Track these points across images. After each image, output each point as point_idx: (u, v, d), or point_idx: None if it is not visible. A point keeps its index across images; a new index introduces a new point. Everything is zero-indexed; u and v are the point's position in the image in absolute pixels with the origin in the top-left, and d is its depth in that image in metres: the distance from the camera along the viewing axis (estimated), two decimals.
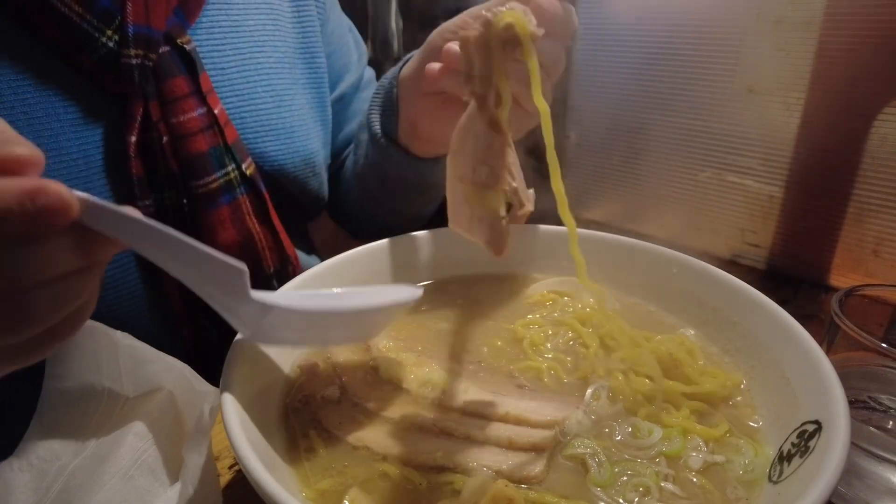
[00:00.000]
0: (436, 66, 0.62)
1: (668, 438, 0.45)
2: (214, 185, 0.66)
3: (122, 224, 0.34)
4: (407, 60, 0.74)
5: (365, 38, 0.99)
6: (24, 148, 0.31)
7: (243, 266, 0.37)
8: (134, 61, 0.59)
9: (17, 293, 0.32)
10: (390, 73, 0.76)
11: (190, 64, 0.64)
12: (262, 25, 0.75)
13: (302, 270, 0.63)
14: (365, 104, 0.93)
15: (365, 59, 0.97)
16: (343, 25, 0.91)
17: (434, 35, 0.67)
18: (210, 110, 0.65)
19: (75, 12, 0.56)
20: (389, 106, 0.75)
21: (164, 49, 0.62)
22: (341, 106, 0.91)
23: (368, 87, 0.96)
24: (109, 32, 0.58)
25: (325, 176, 0.86)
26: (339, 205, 0.96)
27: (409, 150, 0.75)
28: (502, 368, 0.54)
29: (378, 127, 0.77)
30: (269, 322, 0.42)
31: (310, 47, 0.81)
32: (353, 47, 0.93)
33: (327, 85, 0.85)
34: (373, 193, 0.85)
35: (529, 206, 0.57)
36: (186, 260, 0.36)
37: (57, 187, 0.30)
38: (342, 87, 0.90)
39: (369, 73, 0.98)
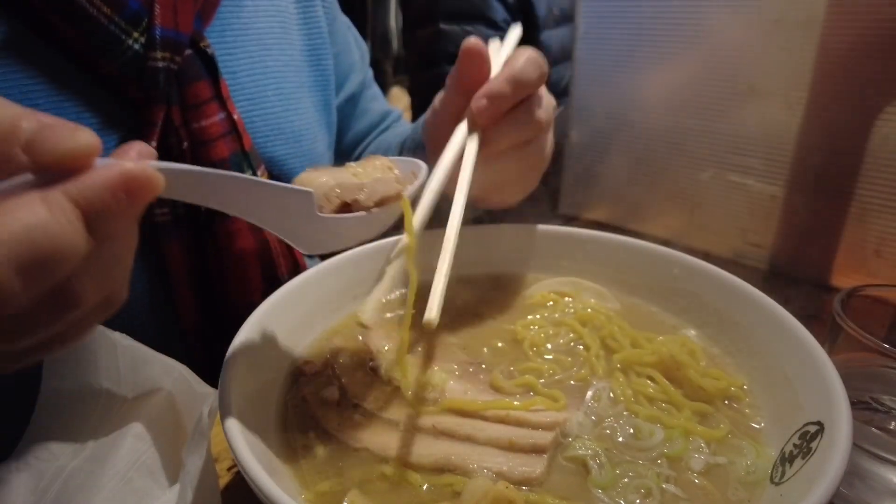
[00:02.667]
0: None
1: (670, 440, 0.45)
2: None
3: (198, 182, 0.33)
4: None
5: (364, 37, 0.99)
6: (84, 134, 0.27)
7: (311, 189, 0.39)
8: (160, 64, 0.59)
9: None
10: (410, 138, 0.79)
11: (211, 68, 0.64)
12: (270, 28, 0.74)
13: None
14: (369, 104, 0.94)
15: (367, 56, 0.97)
16: (344, 24, 0.91)
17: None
18: (230, 115, 0.65)
19: (104, 14, 0.56)
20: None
21: (187, 53, 0.62)
22: (350, 107, 0.91)
23: (371, 87, 0.96)
24: (136, 35, 0.58)
25: None
26: None
27: None
28: (503, 369, 0.54)
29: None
30: (328, 232, 0.43)
31: (316, 49, 0.81)
32: (354, 46, 0.93)
33: (333, 87, 0.85)
34: None
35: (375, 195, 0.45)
36: (258, 199, 0.37)
37: (141, 167, 0.28)
38: (350, 87, 0.90)
39: (369, 70, 0.98)
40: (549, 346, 0.57)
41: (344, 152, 0.93)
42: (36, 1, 0.54)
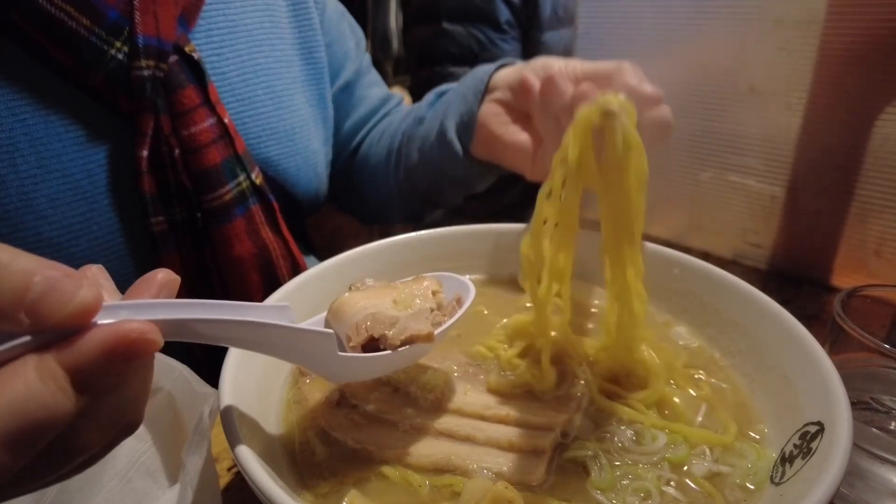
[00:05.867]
0: (536, 83, 0.62)
1: (674, 444, 0.45)
2: (228, 196, 0.65)
3: (208, 327, 0.33)
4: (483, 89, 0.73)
5: (364, 37, 0.98)
6: (84, 293, 0.27)
7: (331, 332, 0.39)
8: (145, 73, 0.58)
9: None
10: (472, 88, 0.73)
11: (198, 73, 0.63)
12: (259, 23, 0.73)
13: None
14: (367, 90, 0.92)
15: (363, 44, 0.95)
16: (337, 12, 0.90)
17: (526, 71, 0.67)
18: (220, 120, 0.64)
19: (83, 26, 0.55)
20: (469, 125, 0.73)
21: (172, 59, 0.61)
22: (346, 95, 0.90)
23: (369, 73, 0.95)
24: (118, 45, 0.57)
25: (325, 174, 0.86)
26: (354, 193, 0.94)
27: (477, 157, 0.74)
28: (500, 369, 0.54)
29: (456, 141, 0.74)
30: (350, 369, 0.43)
31: (307, 42, 0.80)
32: (349, 34, 0.91)
33: (327, 80, 0.84)
34: (417, 186, 0.83)
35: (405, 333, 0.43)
36: (277, 339, 0.38)
37: (137, 329, 0.28)
38: (345, 75, 0.89)
39: (367, 56, 0.96)
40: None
41: (346, 140, 0.92)
42: (16, 16, 0.53)
